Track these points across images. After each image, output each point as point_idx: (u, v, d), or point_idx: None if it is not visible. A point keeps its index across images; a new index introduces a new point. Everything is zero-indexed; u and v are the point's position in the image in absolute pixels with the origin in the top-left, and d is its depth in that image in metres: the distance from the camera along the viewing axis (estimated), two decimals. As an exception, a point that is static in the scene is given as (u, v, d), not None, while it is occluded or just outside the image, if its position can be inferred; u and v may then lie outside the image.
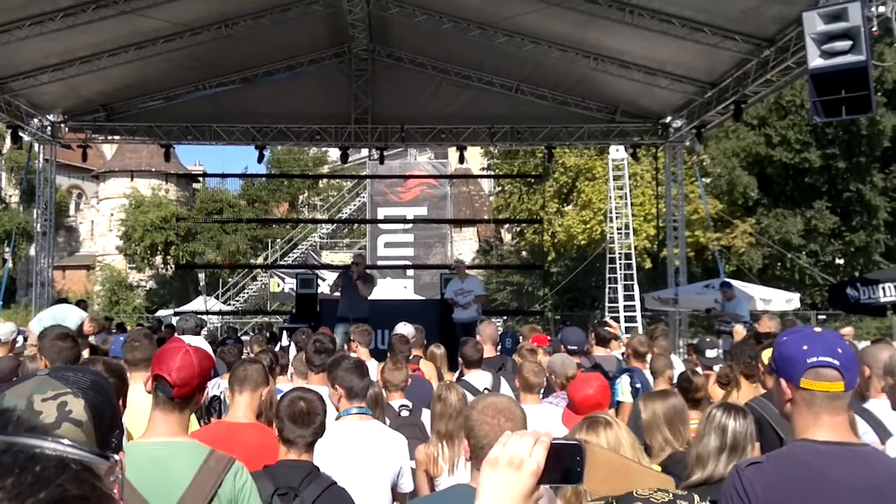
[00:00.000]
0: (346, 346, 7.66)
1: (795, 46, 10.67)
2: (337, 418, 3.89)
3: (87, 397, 1.19)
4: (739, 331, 8.04)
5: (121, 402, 2.87)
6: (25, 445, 0.76)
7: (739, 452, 2.96)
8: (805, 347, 2.16)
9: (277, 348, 9.70)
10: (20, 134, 15.39)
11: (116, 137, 18.16)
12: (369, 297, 11.33)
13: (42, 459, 0.69)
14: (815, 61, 8.02)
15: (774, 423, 4.14)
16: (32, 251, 22.70)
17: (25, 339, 8.94)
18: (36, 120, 15.82)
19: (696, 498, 1.11)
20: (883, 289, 9.54)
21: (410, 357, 6.76)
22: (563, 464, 1.22)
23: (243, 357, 5.97)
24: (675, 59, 13.10)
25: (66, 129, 16.74)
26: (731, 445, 2.97)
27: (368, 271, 12.98)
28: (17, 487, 0.64)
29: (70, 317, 8.37)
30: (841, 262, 30.57)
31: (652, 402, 3.73)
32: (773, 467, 2.15)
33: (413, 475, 4.04)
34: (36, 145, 17.06)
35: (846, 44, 7.87)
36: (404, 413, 5.02)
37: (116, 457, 1.06)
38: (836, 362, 2.12)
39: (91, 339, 8.58)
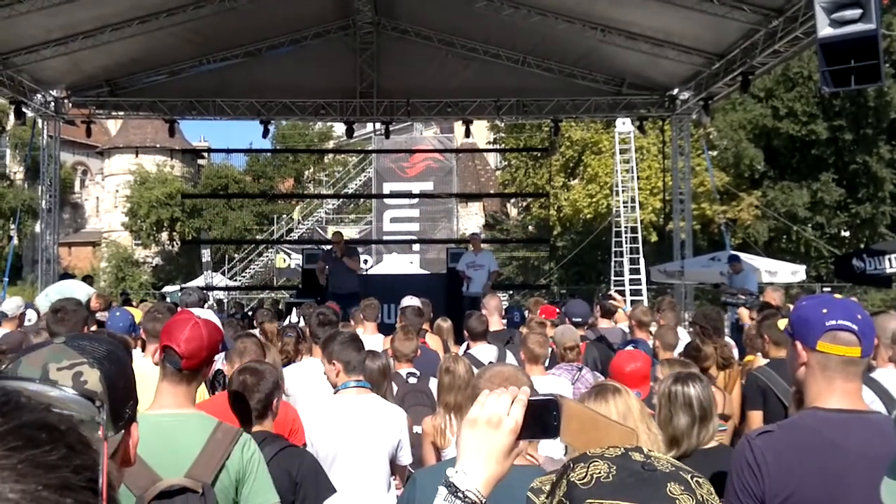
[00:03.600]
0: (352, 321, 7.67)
1: (804, 16, 10.55)
2: (335, 392, 3.90)
3: (102, 368, 1.19)
4: (744, 314, 8.01)
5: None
6: (11, 385, 0.76)
7: (708, 419, 2.93)
8: (824, 311, 2.14)
9: (286, 323, 9.72)
10: (23, 110, 15.35)
11: (120, 113, 18.12)
12: (358, 271, 11.42)
13: (26, 395, 0.72)
14: (825, 30, 7.93)
15: (779, 392, 4.14)
16: (38, 228, 22.75)
17: (38, 316, 8.96)
18: (39, 95, 15.78)
19: (646, 449, 1.13)
20: (889, 260, 9.49)
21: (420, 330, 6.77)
22: (541, 419, 1.25)
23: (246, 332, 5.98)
24: (682, 30, 12.97)
25: (70, 104, 16.69)
26: (700, 417, 2.93)
27: (353, 245, 13.06)
28: (2, 408, 0.67)
29: (77, 292, 8.39)
30: (846, 234, 30.48)
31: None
32: (784, 436, 2.15)
33: (413, 445, 4.06)
34: (40, 121, 17.03)
35: (856, 12, 7.77)
36: (412, 380, 5.05)
37: (103, 405, 1.08)
38: (855, 327, 2.10)
39: (98, 314, 8.59)
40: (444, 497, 1.22)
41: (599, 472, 1.08)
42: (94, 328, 6.37)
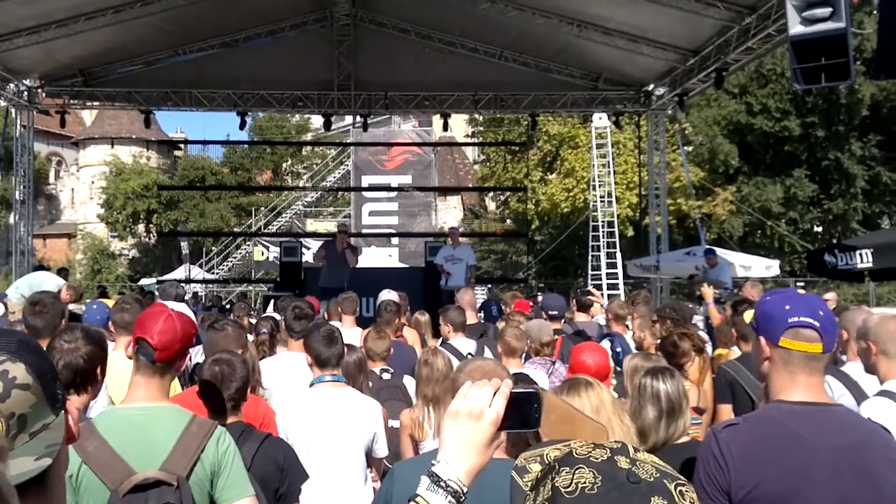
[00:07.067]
0: (325, 315, 7.66)
1: (776, 14, 10.70)
2: (310, 386, 3.91)
3: (23, 359, 1.16)
4: (707, 291, 8.14)
5: (99, 370, 2.86)
6: None
7: (677, 414, 2.97)
8: (787, 307, 2.18)
9: (262, 315, 9.67)
10: (-4, 99, 15.17)
11: (95, 103, 17.92)
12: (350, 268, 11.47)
13: None
14: (796, 28, 8.03)
15: (747, 385, 4.21)
16: (12, 219, 22.45)
17: (6, 309, 8.87)
18: (12, 85, 15.57)
19: (631, 449, 1.15)
20: (860, 255, 9.61)
21: (396, 324, 6.78)
22: (522, 411, 1.28)
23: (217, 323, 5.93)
24: (657, 26, 13.07)
25: (43, 94, 16.48)
26: (667, 410, 2.95)
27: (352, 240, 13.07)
28: None
29: (47, 284, 8.32)
30: (819, 229, 30.87)
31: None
32: (749, 428, 2.18)
33: (389, 438, 4.07)
34: (13, 111, 16.81)
35: (826, 11, 7.88)
36: (385, 376, 5.06)
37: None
38: (817, 323, 2.14)
39: (70, 306, 8.51)
40: (427, 486, 1.26)
41: (584, 482, 1.09)
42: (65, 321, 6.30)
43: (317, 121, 36.12)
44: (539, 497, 1.13)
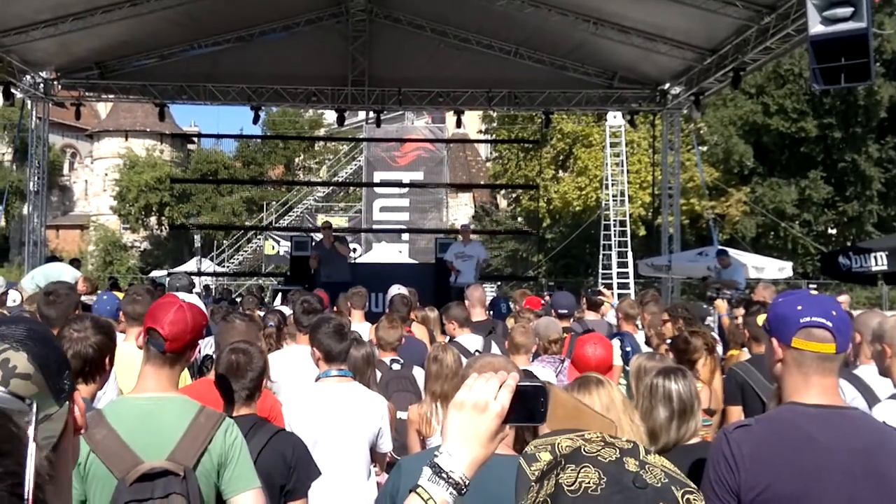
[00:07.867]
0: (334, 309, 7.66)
1: (796, 13, 10.61)
2: (316, 380, 3.90)
3: (27, 349, 1.14)
4: (721, 305, 8.11)
5: (108, 360, 2.87)
6: None
7: (689, 414, 2.94)
8: (799, 307, 2.15)
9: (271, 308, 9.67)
10: (12, 91, 15.22)
11: (110, 96, 17.99)
12: (349, 259, 11.47)
13: None
14: (816, 28, 7.97)
15: (757, 387, 4.17)
16: (25, 210, 22.60)
17: (22, 298, 8.91)
18: (28, 77, 15.65)
19: (642, 451, 1.12)
20: (874, 258, 9.54)
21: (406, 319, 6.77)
22: (528, 405, 1.27)
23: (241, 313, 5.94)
24: (674, 25, 12.99)
25: (59, 86, 16.56)
26: (679, 411, 2.92)
27: (342, 234, 13.12)
28: None
29: (64, 275, 8.34)
30: (833, 231, 30.68)
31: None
32: (761, 430, 2.16)
33: (397, 431, 4.06)
34: (28, 103, 16.90)
35: (847, 10, 7.81)
36: (395, 367, 5.05)
37: (33, 403, 1.05)
38: (829, 324, 2.12)
39: (84, 298, 8.54)
40: (429, 477, 1.25)
41: (588, 482, 1.06)
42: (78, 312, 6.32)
43: (330, 116, 36.15)
44: (542, 491, 1.10)
